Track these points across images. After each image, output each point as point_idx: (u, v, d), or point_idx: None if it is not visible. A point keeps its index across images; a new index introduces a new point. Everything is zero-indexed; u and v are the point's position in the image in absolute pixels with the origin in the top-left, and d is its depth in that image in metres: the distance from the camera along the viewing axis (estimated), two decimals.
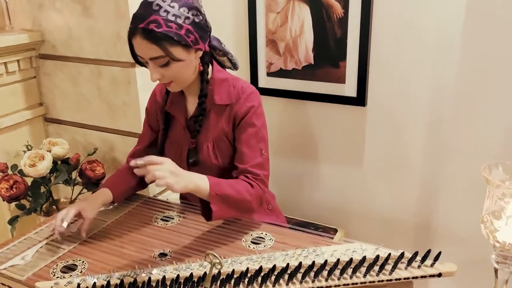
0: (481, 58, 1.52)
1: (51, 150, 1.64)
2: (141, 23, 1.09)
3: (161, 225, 1.28)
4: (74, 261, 1.13)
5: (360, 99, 1.72)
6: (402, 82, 1.66)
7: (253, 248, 1.16)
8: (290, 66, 1.81)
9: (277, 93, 1.86)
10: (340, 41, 1.68)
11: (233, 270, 0.99)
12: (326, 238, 1.22)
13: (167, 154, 1.35)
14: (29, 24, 1.78)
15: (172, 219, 1.31)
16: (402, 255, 1.02)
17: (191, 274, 0.99)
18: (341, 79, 1.73)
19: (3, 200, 1.56)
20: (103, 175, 1.65)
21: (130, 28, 1.13)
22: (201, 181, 1.15)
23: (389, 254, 1.03)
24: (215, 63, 1.29)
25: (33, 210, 1.61)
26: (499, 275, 0.98)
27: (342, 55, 1.70)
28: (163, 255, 1.14)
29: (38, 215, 1.63)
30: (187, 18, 1.12)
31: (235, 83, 1.28)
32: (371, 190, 1.85)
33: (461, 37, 1.53)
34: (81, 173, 1.65)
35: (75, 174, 1.68)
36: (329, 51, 1.72)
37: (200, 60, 1.22)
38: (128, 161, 1.43)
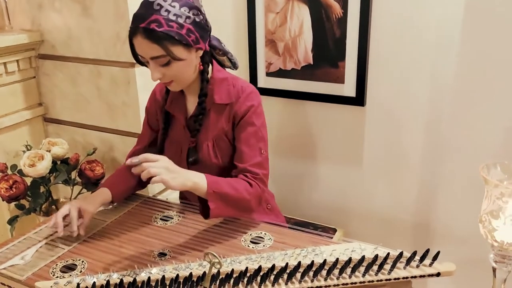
0: (480, 57, 1.52)
1: (50, 150, 1.64)
2: (142, 23, 1.10)
3: (161, 224, 1.29)
4: (73, 260, 1.13)
5: (359, 99, 1.73)
6: (401, 81, 1.67)
7: (252, 247, 1.16)
8: (289, 66, 1.81)
9: (276, 93, 1.86)
10: (339, 41, 1.69)
11: (233, 269, 1.00)
12: (325, 237, 1.22)
13: (167, 153, 1.35)
14: (28, 24, 1.78)
15: (171, 219, 1.31)
16: (401, 254, 1.02)
17: (191, 273, 0.99)
18: (340, 79, 1.73)
19: (3, 200, 1.56)
20: (103, 175, 1.66)
21: (131, 27, 1.13)
22: (199, 179, 1.15)
23: (388, 253, 1.03)
24: (215, 62, 1.30)
25: (33, 210, 1.61)
26: (497, 274, 0.99)
27: (341, 55, 1.70)
28: (163, 254, 1.14)
29: (37, 215, 1.63)
30: (188, 17, 1.13)
31: (235, 83, 1.28)
32: (370, 189, 1.86)
33: (460, 36, 1.53)
34: (81, 173, 1.65)
35: (75, 174, 1.68)
36: (328, 51, 1.72)
37: (200, 59, 1.22)
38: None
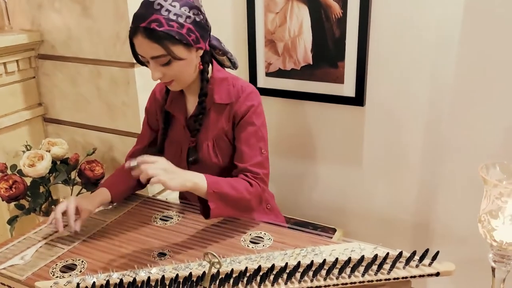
0: (480, 57, 1.53)
1: (50, 150, 1.64)
2: (142, 23, 1.10)
3: (160, 224, 1.29)
4: (73, 260, 1.13)
5: (358, 99, 1.73)
6: (400, 81, 1.67)
7: (252, 247, 1.16)
8: (288, 66, 1.81)
9: (276, 93, 1.87)
10: (338, 41, 1.69)
11: (232, 269, 1.00)
12: (324, 237, 1.22)
13: (167, 153, 1.35)
14: (28, 24, 1.78)
15: (171, 219, 1.31)
16: (400, 254, 1.02)
17: (190, 273, 0.99)
18: (340, 79, 1.73)
19: (2, 200, 1.56)
20: (102, 175, 1.66)
21: (131, 27, 1.13)
22: (199, 179, 1.15)
23: (387, 253, 1.03)
24: (215, 62, 1.30)
25: (32, 210, 1.61)
26: (496, 274, 0.99)
27: (340, 55, 1.70)
28: (162, 254, 1.14)
29: (37, 215, 1.63)
30: (188, 17, 1.13)
31: (235, 82, 1.28)
32: (370, 189, 1.86)
33: (460, 36, 1.53)
34: (80, 173, 1.65)
35: (74, 174, 1.68)
36: (327, 51, 1.72)
37: (200, 59, 1.22)
38: (127, 161, 1.44)
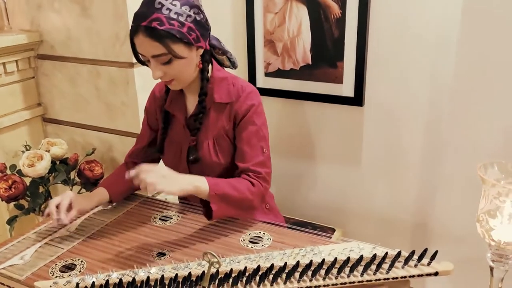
0: (479, 57, 1.53)
1: (49, 150, 1.64)
2: (143, 21, 1.10)
3: (160, 224, 1.29)
4: (73, 260, 1.13)
5: (357, 99, 1.73)
6: (399, 81, 1.67)
7: (251, 247, 1.16)
8: (288, 66, 1.81)
9: (275, 93, 1.87)
10: (337, 41, 1.69)
11: (231, 269, 1.00)
12: (324, 237, 1.23)
13: (166, 153, 1.35)
14: (27, 24, 1.79)
15: (170, 219, 1.31)
16: (399, 254, 1.03)
17: (190, 273, 1.00)
18: (339, 79, 1.74)
19: (2, 200, 1.56)
20: (102, 175, 1.66)
21: (132, 26, 1.14)
22: (200, 182, 1.16)
23: (386, 253, 1.03)
24: (215, 62, 1.30)
25: (32, 210, 1.61)
26: (494, 274, 0.99)
27: (339, 55, 1.70)
28: (162, 254, 1.14)
29: (36, 215, 1.63)
30: (189, 16, 1.13)
31: (235, 82, 1.29)
32: (369, 189, 1.86)
33: (459, 37, 1.53)
34: (80, 173, 1.66)
35: (74, 174, 1.69)
36: (326, 51, 1.72)
37: (200, 58, 1.23)
38: (126, 161, 1.44)
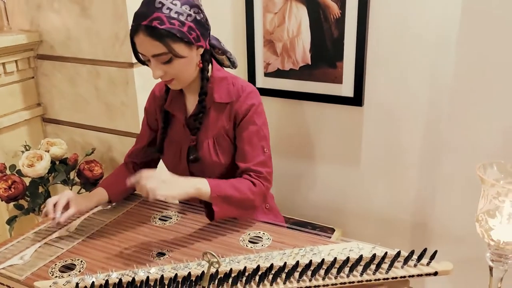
0: (479, 57, 1.53)
1: (49, 150, 1.64)
2: (144, 21, 1.10)
3: (159, 224, 1.29)
4: (72, 260, 1.13)
5: (357, 99, 1.73)
6: (399, 82, 1.67)
7: (251, 247, 1.16)
8: (287, 66, 1.81)
9: (275, 93, 1.87)
10: (337, 41, 1.69)
11: (231, 269, 1.00)
12: (323, 237, 1.23)
13: (166, 153, 1.35)
14: (27, 24, 1.79)
15: (170, 219, 1.31)
16: (398, 254, 1.03)
17: (189, 273, 1.00)
18: (338, 79, 1.74)
19: (1, 200, 1.56)
20: (101, 175, 1.66)
21: (132, 25, 1.14)
22: (201, 184, 1.17)
23: (386, 253, 1.03)
24: (214, 62, 1.30)
25: (31, 210, 1.61)
26: (494, 273, 0.99)
27: (339, 55, 1.71)
28: (161, 254, 1.15)
29: (36, 215, 1.64)
30: (189, 15, 1.14)
31: (235, 82, 1.29)
32: (368, 189, 1.86)
33: (459, 37, 1.54)
34: (79, 173, 1.66)
35: (73, 174, 1.69)
36: (326, 51, 1.72)
37: (200, 57, 1.23)
38: (126, 161, 1.44)
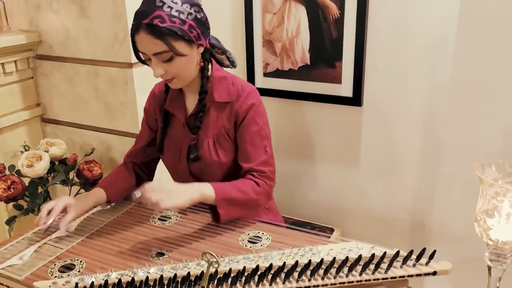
0: (477, 57, 1.53)
1: (48, 150, 1.64)
2: (145, 19, 1.11)
3: (159, 224, 1.29)
4: (72, 260, 1.13)
5: (356, 99, 1.73)
6: (398, 82, 1.67)
7: (250, 247, 1.16)
8: (286, 66, 1.82)
9: (274, 93, 1.87)
10: (336, 41, 1.69)
11: (230, 269, 1.00)
12: (322, 237, 1.23)
13: (166, 152, 1.36)
14: (26, 25, 1.79)
15: (169, 219, 1.31)
16: (397, 253, 1.03)
17: (189, 273, 1.00)
18: (337, 79, 1.74)
19: (1, 200, 1.56)
20: (101, 175, 1.66)
21: (133, 24, 1.14)
22: (205, 189, 1.18)
23: (385, 252, 1.04)
24: (214, 61, 1.31)
25: (31, 210, 1.61)
26: (492, 273, 0.99)
27: (338, 55, 1.71)
28: (161, 254, 1.15)
29: (35, 215, 1.63)
30: (190, 14, 1.14)
31: (234, 81, 1.29)
32: (367, 189, 1.86)
33: (457, 37, 1.54)
34: (79, 174, 1.66)
35: (73, 174, 1.69)
36: (325, 51, 1.73)
37: (201, 56, 1.23)
38: (125, 161, 1.44)
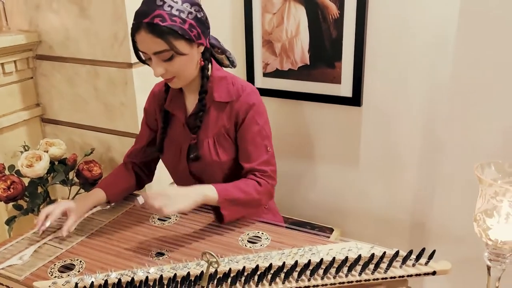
0: (477, 57, 1.53)
1: (48, 150, 1.64)
2: (145, 18, 1.11)
3: (158, 224, 1.29)
4: (71, 260, 1.13)
5: (355, 99, 1.74)
6: (397, 82, 1.68)
7: (250, 247, 1.17)
8: (286, 66, 1.82)
9: (273, 93, 1.87)
10: (335, 41, 1.70)
11: (230, 269, 1.00)
12: (322, 237, 1.23)
13: (166, 152, 1.36)
14: (26, 25, 1.79)
15: (169, 219, 1.31)
16: (397, 253, 1.03)
17: (188, 273, 1.00)
18: (337, 80, 1.74)
19: (0, 200, 1.56)
20: (100, 175, 1.66)
21: (133, 24, 1.14)
22: (208, 191, 1.19)
23: (384, 252, 1.04)
24: (214, 61, 1.31)
25: (30, 210, 1.61)
26: (491, 273, 1.00)
27: (337, 55, 1.71)
28: (160, 254, 1.15)
29: (35, 215, 1.63)
30: (190, 13, 1.14)
31: (234, 81, 1.30)
32: (367, 189, 1.86)
33: (456, 37, 1.54)
34: (78, 174, 1.66)
35: (72, 174, 1.69)
36: (324, 51, 1.73)
37: (201, 55, 1.24)
38: (125, 161, 1.44)
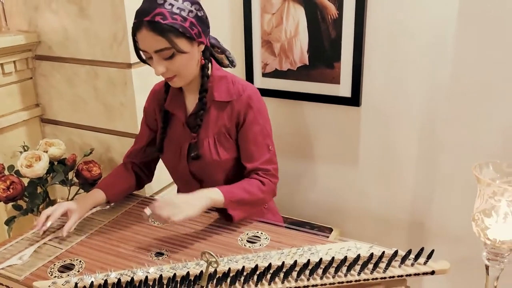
0: (476, 57, 1.54)
1: (47, 150, 1.64)
2: (146, 16, 1.11)
3: (158, 224, 1.29)
4: (71, 260, 1.13)
5: (354, 99, 1.74)
6: (397, 82, 1.68)
7: (249, 247, 1.17)
8: (285, 66, 1.82)
9: (272, 93, 1.88)
10: (334, 42, 1.70)
11: (229, 268, 1.00)
12: (321, 237, 1.23)
13: (166, 152, 1.36)
14: (25, 25, 1.79)
15: None
16: (395, 253, 1.03)
17: (188, 273, 1.00)
18: (336, 80, 1.74)
19: (0, 200, 1.56)
20: (100, 175, 1.66)
21: (134, 22, 1.15)
22: (213, 194, 1.20)
23: (383, 252, 1.04)
24: (214, 61, 1.31)
25: (30, 210, 1.61)
26: (490, 272, 1.00)
27: (336, 56, 1.71)
28: (160, 254, 1.15)
29: (35, 215, 1.63)
30: (191, 11, 1.15)
31: (234, 81, 1.30)
32: (366, 189, 1.87)
33: (455, 37, 1.54)
34: (78, 174, 1.66)
35: (72, 174, 1.69)
36: (323, 52, 1.73)
37: (201, 54, 1.24)
38: (125, 161, 1.44)
